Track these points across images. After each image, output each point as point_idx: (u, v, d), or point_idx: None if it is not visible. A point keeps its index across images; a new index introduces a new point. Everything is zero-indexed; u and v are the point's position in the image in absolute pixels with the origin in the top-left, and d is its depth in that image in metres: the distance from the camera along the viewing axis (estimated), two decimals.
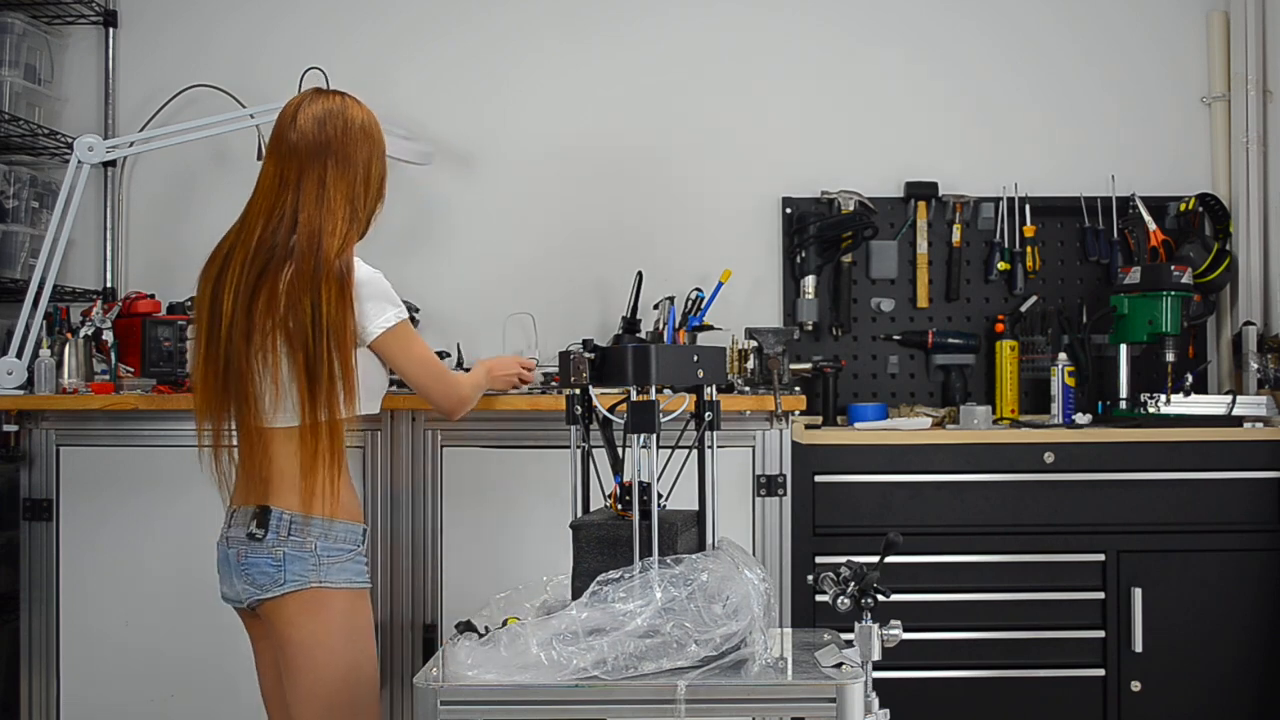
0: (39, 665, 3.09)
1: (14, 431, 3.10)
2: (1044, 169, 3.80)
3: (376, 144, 2.37)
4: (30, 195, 3.56)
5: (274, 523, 2.17)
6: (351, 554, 2.22)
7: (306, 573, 2.16)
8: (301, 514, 2.17)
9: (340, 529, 2.20)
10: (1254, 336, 3.56)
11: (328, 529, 2.19)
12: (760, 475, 3.11)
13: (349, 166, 2.29)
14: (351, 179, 2.29)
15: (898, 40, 3.84)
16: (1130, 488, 3.22)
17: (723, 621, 1.91)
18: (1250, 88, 3.70)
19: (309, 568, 2.16)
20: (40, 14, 3.66)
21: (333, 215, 2.24)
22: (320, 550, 2.17)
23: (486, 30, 3.83)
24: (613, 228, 3.79)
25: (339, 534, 2.20)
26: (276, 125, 2.32)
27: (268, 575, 2.16)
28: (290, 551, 2.16)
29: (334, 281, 2.17)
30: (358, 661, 2.21)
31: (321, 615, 2.17)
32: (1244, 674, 3.22)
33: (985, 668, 3.20)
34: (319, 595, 2.17)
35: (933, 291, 3.79)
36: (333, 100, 2.34)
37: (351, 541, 2.22)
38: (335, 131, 2.29)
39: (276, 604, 2.17)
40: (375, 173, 2.36)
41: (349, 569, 2.21)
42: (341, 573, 2.19)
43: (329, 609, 2.18)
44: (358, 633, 2.22)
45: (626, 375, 2.01)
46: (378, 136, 2.38)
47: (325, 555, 2.18)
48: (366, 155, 2.33)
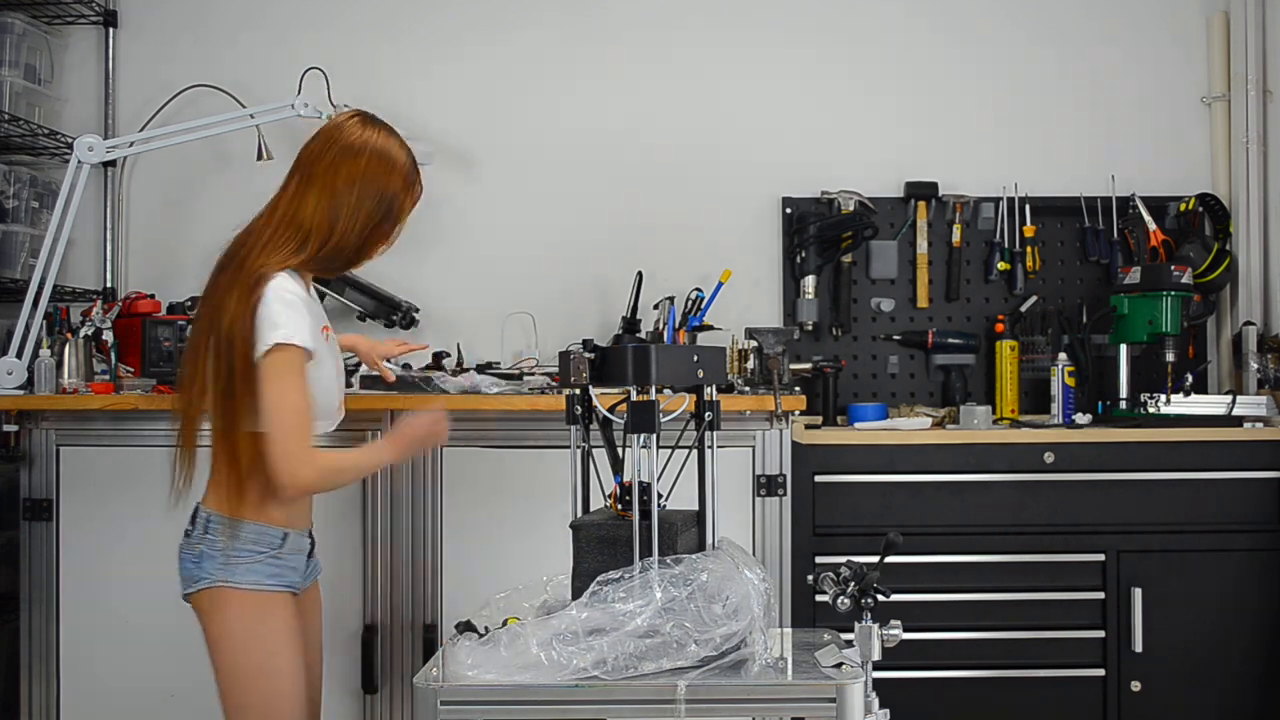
0: (39, 665, 3.09)
1: (14, 431, 3.11)
2: (1044, 169, 3.80)
3: (365, 169, 2.19)
4: (30, 195, 3.56)
5: (199, 520, 2.17)
6: (264, 556, 2.15)
7: (215, 571, 2.13)
8: (219, 513, 2.15)
9: (250, 530, 2.14)
10: (1254, 336, 3.56)
11: (235, 529, 2.14)
12: (760, 475, 3.11)
13: (314, 184, 2.18)
14: (318, 199, 2.17)
15: (899, 40, 3.84)
16: (1130, 488, 3.22)
17: (723, 621, 1.91)
18: (1250, 88, 3.70)
19: (217, 566, 2.13)
20: (40, 14, 3.66)
21: (279, 229, 2.16)
22: (228, 550, 2.14)
23: (487, 30, 3.83)
24: (613, 228, 3.79)
25: (248, 535, 2.14)
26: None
27: (189, 571, 2.17)
28: (205, 549, 2.15)
29: (244, 291, 2.10)
30: (265, 668, 2.14)
31: (226, 615, 2.14)
32: (1244, 674, 3.22)
33: (985, 668, 3.20)
34: (223, 594, 2.13)
35: (933, 291, 3.79)
36: (350, 121, 2.24)
37: (264, 544, 2.15)
38: (317, 147, 2.21)
39: (193, 600, 2.17)
40: (357, 200, 2.18)
41: (258, 571, 2.14)
42: (249, 574, 2.14)
43: (233, 610, 2.13)
44: (268, 637, 2.14)
45: (626, 375, 2.01)
46: (370, 164, 2.20)
47: (233, 555, 2.13)
48: (346, 178, 2.18)
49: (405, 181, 2.24)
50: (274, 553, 2.16)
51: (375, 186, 2.20)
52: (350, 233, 2.19)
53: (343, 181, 2.18)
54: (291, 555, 2.19)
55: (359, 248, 2.22)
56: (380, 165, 2.21)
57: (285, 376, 2.07)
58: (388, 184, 2.21)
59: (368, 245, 2.24)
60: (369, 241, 2.23)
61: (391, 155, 2.23)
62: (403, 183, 2.24)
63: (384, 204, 2.21)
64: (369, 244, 2.24)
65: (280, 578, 2.17)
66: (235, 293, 2.10)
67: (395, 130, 2.28)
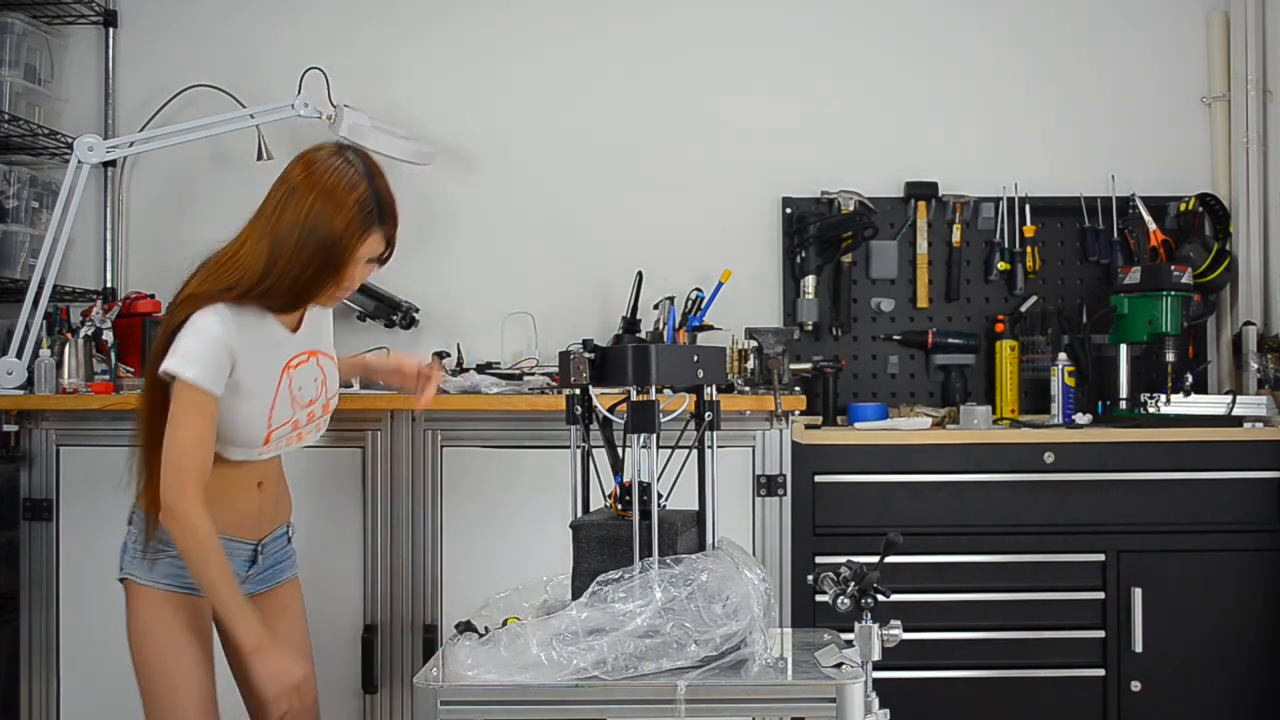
0: (39, 665, 3.09)
1: (14, 431, 3.10)
2: (1044, 169, 3.80)
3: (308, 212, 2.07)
4: (30, 195, 3.56)
5: (130, 513, 2.24)
6: (165, 555, 2.16)
7: (127, 563, 2.21)
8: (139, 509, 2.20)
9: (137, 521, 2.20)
10: (1254, 336, 3.56)
11: (141, 524, 2.18)
12: (760, 475, 3.11)
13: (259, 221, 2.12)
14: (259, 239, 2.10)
15: (898, 40, 3.84)
16: (1130, 488, 3.22)
17: (723, 621, 1.91)
18: (1250, 88, 3.70)
19: (129, 559, 2.20)
20: (40, 14, 3.66)
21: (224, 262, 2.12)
22: (133, 544, 2.20)
23: (487, 30, 3.83)
24: (613, 227, 3.79)
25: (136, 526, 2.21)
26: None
27: (119, 559, 2.24)
28: (127, 541, 2.22)
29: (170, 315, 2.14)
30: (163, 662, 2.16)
31: (130, 607, 2.19)
32: (1244, 673, 3.22)
33: (985, 668, 3.20)
34: (129, 587, 2.20)
35: (933, 291, 3.79)
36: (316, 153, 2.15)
37: (167, 542, 2.13)
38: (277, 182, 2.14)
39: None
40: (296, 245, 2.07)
41: (159, 569, 2.17)
42: (149, 571, 2.17)
43: (132, 602, 2.19)
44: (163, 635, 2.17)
45: (626, 375, 2.01)
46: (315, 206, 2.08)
47: (135, 548, 2.19)
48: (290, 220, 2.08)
49: (351, 227, 2.09)
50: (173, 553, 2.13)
51: (318, 232, 2.07)
52: (286, 276, 2.09)
53: (286, 224, 2.08)
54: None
55: (296, 294, 2.12)
56: (326, 208, 2.08)
57: (179, 409, 2.05)
58: (331, 229, 2.08)
59: (308, 291, 2.13)
60: (309, 288, 2.12)
61: (339, 197, 2.08)
62: (347, 227, 2.08)
63: (324, 250, 2.08)
64: (309, 290, 2.13)
65: (180, 579, 2.16)
66: (168, 315, 2.15)
67: (372, 165, 2.15)
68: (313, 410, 2.27)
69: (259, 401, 2.16)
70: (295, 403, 2.23)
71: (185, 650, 2.18)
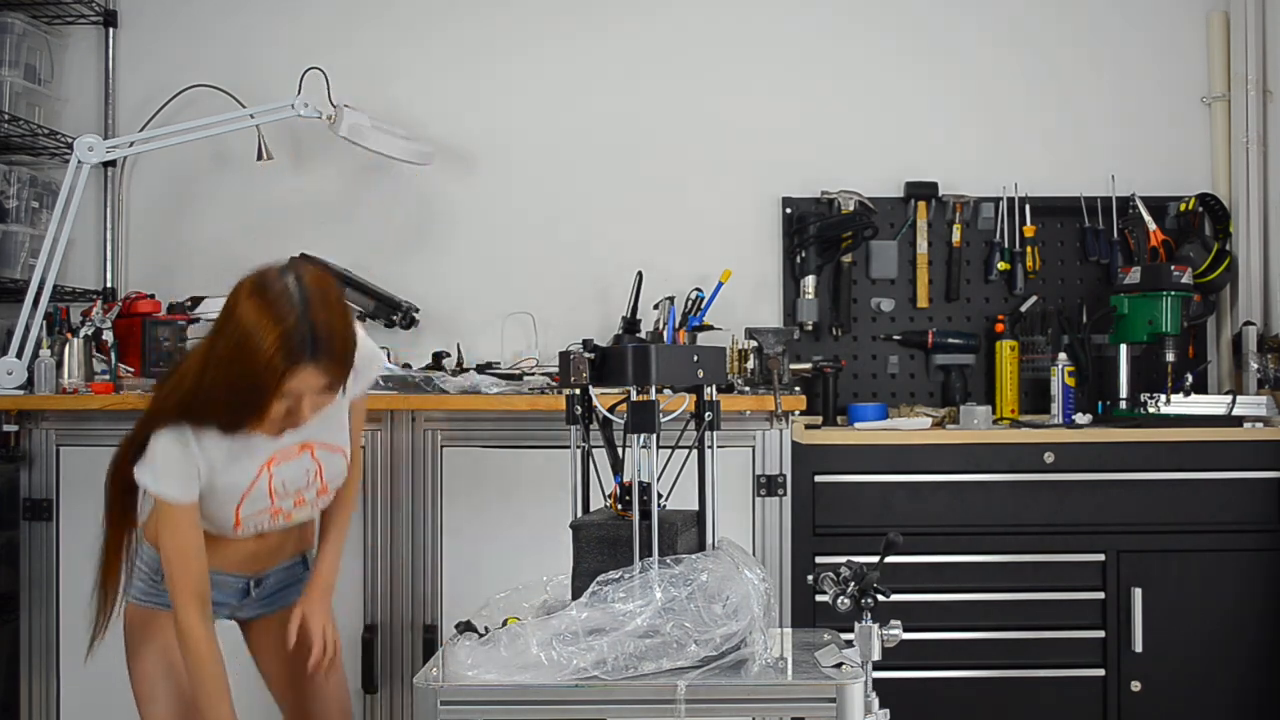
0: (39, 665, 3.09)
1: (14, 431, 3.10)
2: (1044, 169, 3.80)
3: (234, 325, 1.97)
4: (30, 195, 3.56)
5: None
6: (144, 573, 2.28)
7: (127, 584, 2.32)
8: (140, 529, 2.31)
9: (147, 550, 2.27)
10: (1254, 336, 3.56)
11: (140, 546, 2.30)
12: (760, 475, 3.11)
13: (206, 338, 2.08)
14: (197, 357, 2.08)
15: (898, 40, 3.84)
16: (1130, 488, 3.22)
17: (723, 621, 1.91)
18: (1250, 88, 3.70)
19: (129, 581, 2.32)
20: (40, 14, 3.66)
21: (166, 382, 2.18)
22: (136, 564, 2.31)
23: (487, 30, 3.83)
24: (613, 227, 3.79)
25: (145, 554, 2.27)
26: None
27: None
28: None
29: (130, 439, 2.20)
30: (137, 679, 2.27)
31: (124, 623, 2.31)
32: (1244, 674, 3.22)
33: (985, 668, 3.20)
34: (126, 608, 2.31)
35: (933, 291, 3.79)
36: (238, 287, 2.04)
37: (145, 560, 2.28)
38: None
39: None
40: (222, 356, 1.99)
41: (136, 586, 2.29)
42: (131, 586, 2.30)
43: (126, 622, 2.30)
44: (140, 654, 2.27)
45: (626, 375, 2.01)
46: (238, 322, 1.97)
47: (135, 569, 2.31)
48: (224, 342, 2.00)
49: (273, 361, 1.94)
50: (157, 578, 2.23)
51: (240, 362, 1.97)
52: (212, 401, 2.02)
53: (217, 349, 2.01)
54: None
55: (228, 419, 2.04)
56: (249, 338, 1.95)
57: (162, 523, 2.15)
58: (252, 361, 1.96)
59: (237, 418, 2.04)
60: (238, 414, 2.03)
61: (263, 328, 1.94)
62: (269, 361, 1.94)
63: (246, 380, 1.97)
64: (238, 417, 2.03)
65: (157, 599, 2.24)
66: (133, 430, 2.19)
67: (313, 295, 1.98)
68: (303, 497, 2.23)
69: (228, 495, 2.15)
70: (277, 495, 2.18)
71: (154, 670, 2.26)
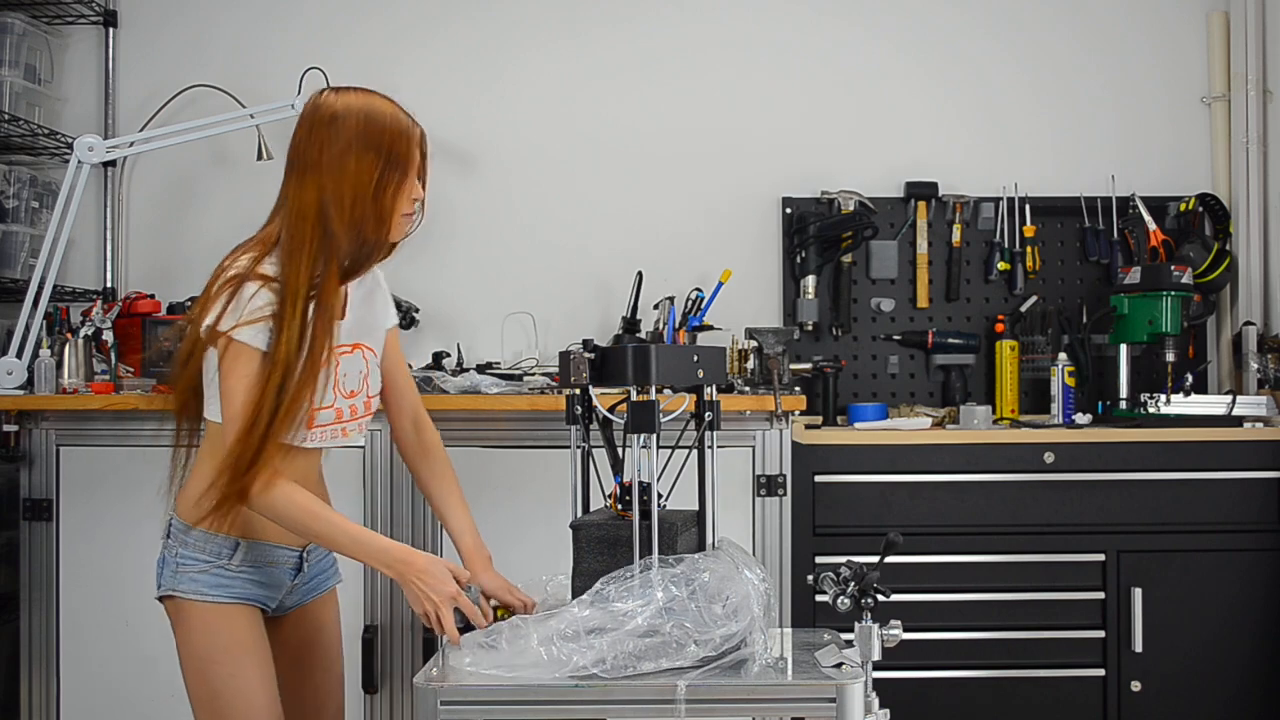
0: (39, 665, 3.09)
1: (14, 431, 3.10)
2: (1044, 169, 3.80)
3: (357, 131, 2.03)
4: (30, 195, 3.56)
5: (168, 524, 2.11)
6: (209, 565, 2.04)
7: (165, 578, 2.06)
8: (178, 518, 2.08)
9: (197, 537, 2.04)
10: (1254, 336, 3.56)
11: (185, 535, 2.05)
12: (760, 475, 3.11)
13: (308, 174, 2.02)
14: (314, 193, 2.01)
15: (898, 40, 3.84)
16: (1130, 488, 3.22)
17: (723, 622, 1.90)
18: (1250, 88, 3.70)
19: (169, 573, 2.06)
20: (40, 14, 3.66)
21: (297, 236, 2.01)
22: (179, 556, 2.05)
23: (487, 30, 3.83)
24: (613, 227, 3.79)
25: (195, 542, 2.04)
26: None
27: (157, 576, 2.10)
28: (166, 554, 2.08)
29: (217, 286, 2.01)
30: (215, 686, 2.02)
31: (178, 627, 2.06)
32: (1244, 674, 3.22)
33: (985, 668, 3.20)
34: (172, 604, 2.06)
35: (933, 291, 3.79)
36: (322, 96, 2.09)
37: (211, 552, 2.04)
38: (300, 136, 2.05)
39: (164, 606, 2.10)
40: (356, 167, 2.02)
41: (203, 580, 2.03)
42: (192, 583, 2.03)
43: (183, 621, 2.05)
44: (223, 652, 2.03)
45: (626, 375, 2.00)
46: (360, 124, 2.04)
47: (180, 563, 2.04)
48: (342, 150, 2.02)
49: (401, 126, 2.08)
50: (224, 562, 2.05)
51: (373, 143, 2.03)
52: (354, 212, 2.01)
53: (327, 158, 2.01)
54: (250, 569, 2.08)
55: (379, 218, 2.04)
56: (372, 122, 2.05)
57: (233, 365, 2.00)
58: (382, 137, 2.05)
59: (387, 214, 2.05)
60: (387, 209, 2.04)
61: (376, 108, 2.08)
62: (399, 127, 2.07)
63: (384, 156, 2.04)
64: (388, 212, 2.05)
65: (228, 589, 2.05)
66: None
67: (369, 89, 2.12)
68: (355, 404, 2.18)
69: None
70: (338, 388, 2.13)
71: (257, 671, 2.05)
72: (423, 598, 1.97)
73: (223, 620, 2.04)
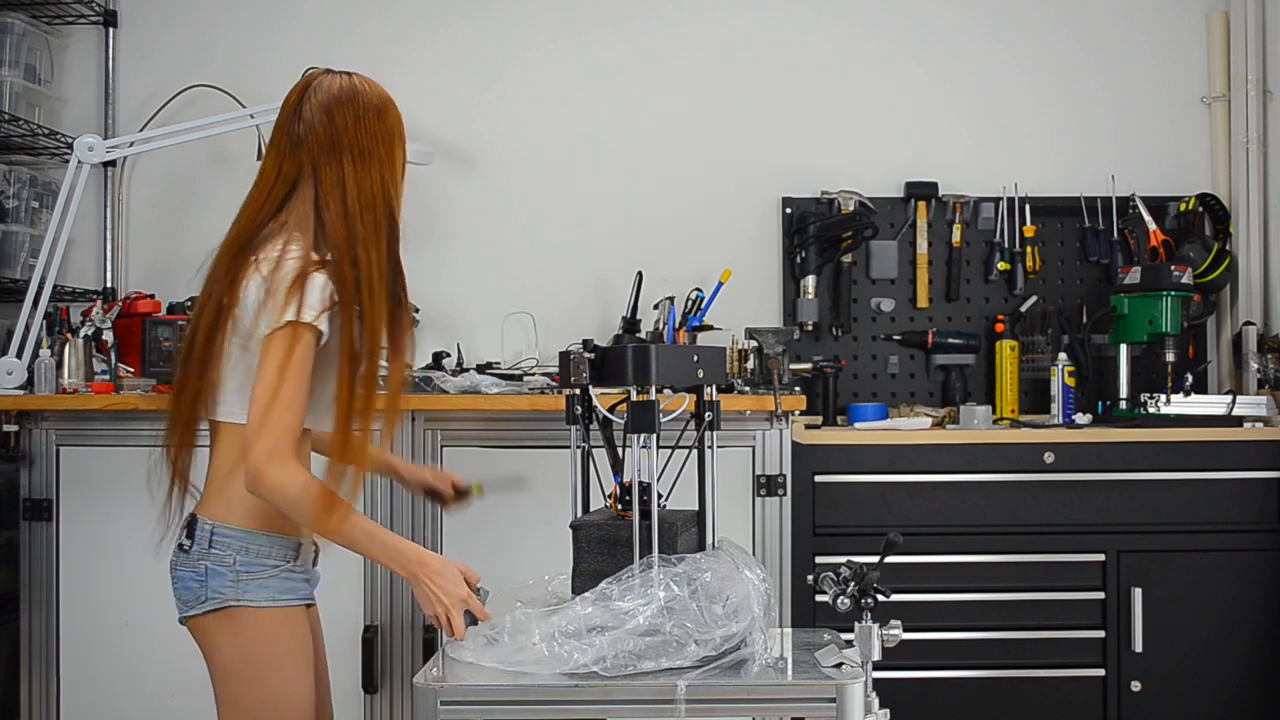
0: (39, 665, 3.09)
1: (14, 431, 3.10)
2: (1044, 169, 3.80)
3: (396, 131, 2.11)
4: (30, 195, 3.56)
5: (199, 533, 1.97)
6: (278, 569, 1.98)
7: (224, 589, 1.94)
8: (227, 525, 1.96)
9: (263, 541, 1.97)
10: (1254, 336, 3.56)
11: (246, 541, 1.96)
12: (760, 475, 3.11)
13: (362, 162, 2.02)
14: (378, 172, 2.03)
15: (898, 40, 3.84)
16: (1130, 488, 3.22)
17: (723, 622, 1.91)
18: (1250, 88, 3.70)
19: (225, 584, 1.95)
20: (40, 14, 3.66)
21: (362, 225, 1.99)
22: (238, 565, 1.95)
23: (487, 30, 3.83)
24: (613, 228, 3.79)
25: (261, 546, 1.97)
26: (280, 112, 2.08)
27: (190, 591, 1.97)
28: (211, 566, 1.95)
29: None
30: (282, 691, 1.97)
31: (240, 637, 1.95)
32: (1244, 674, 3.22)
33: (985, 668, 3.20)
34: (235, 615, 1.95)
35: (933, 291, 3.79)
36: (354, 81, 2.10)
37: (278, 555, 1.98)
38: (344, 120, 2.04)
39: (199, 623, 1.98)
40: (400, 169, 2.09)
41: (272, 586, 1.97)
42: (262, 590, 1.96)
43: (248, 630, 1.96)
44: (286, 656, 1.98)
45: (626, 375, 2.00)
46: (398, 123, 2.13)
47: (241, 571, 1.95)
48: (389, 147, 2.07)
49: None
50: (289, 565, 2.00)
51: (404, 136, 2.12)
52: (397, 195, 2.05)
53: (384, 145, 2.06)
54: (304, 566, 2.05)
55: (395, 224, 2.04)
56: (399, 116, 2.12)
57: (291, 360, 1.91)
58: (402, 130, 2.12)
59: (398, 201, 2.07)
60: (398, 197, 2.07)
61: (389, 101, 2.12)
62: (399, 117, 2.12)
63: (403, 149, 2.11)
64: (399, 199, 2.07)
65: (295, 591, 2.01)
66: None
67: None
68: None
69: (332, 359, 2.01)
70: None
71: (307, 675, 2.01)
72: (434, 599, 1.94)
73: (286, 624, 1.99)
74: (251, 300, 1.92)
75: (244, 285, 1.93)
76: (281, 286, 1.87)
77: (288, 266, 1.90)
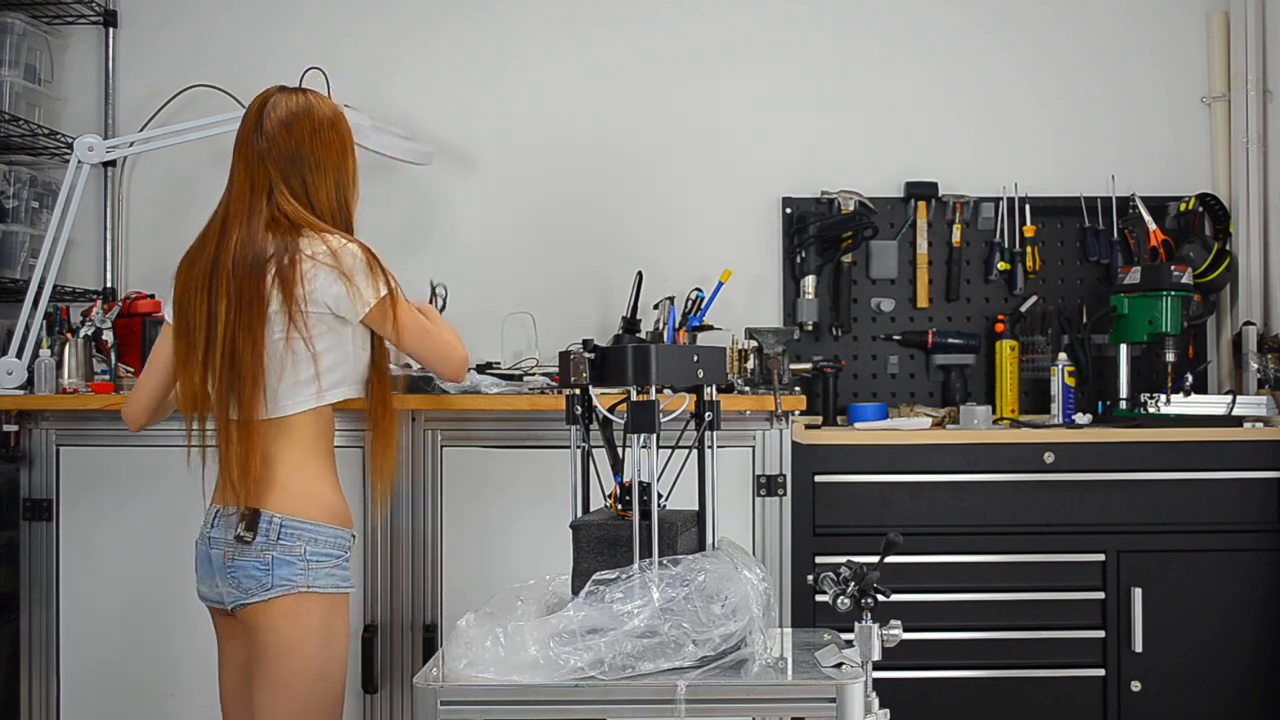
0: (39, 665, 3.09)
1: (14, 431, 3.10)
2: (1044, 169, 3.80)
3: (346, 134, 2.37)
4: (30, 195, 3.56)
5: (263, 526, 2.15)
6: (339, 559, 2.20)
7: (295, 577, 2.15)
8: (295, 519, 2.17)
9: (329, 534, 2.19)
10: (1254, 336, 3.56)
11: (316, 533, 2.18)
12: (760, 475, 3.11)
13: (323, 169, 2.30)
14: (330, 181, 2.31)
15: (898, 40, 3.84)
16: (1130, 488, 3.22)
17: (721, 622, 1.91)
18: (1250, 88, 3.70)
19: (296, 572, 2.15)
20: (40, 14, 3.66)
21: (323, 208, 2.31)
22: (308, 555, 2.16)
23: (487, 30, 3.83)
24: (613, 228, 3.79)
25: (328, 538, 2.19)
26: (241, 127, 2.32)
27: (255, 580, 2.15)
28: (279, 556, 2.15)
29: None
30: (329, 667, 2.19)
31: (302, 620, 2.15)
32: (1244, 674, 3.22)
33: (985, 668, 3.20)
34: (303, 600, 2.15)
35: (933, 291, 3.79)
36: (316, 99, 2.35)
37: (339, 546, 2.21)
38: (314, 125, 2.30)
39: (261, 608, 2.15)
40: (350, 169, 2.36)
41: (338, 575, 2.20)
42: (329, 577, 2.18)
43: (310, 614, 2.16)
44: (334, 637, 2.20)
45: (626, 375, 2.01)
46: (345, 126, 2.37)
47: (311, 560, 2.16)
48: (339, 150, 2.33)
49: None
50: (345, 555, 2.23)
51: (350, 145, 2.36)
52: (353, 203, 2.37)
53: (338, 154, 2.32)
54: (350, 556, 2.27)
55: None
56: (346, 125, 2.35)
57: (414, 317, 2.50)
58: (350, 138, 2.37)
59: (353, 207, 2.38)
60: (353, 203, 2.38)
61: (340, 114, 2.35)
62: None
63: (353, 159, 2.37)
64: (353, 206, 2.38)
65: (349, 580, 2.24)
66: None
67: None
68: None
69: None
70: None
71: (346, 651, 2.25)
72: None
73: (344, 609, 2.22)
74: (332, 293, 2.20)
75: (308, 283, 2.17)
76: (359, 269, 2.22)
77: (348, 250, 2.21)
